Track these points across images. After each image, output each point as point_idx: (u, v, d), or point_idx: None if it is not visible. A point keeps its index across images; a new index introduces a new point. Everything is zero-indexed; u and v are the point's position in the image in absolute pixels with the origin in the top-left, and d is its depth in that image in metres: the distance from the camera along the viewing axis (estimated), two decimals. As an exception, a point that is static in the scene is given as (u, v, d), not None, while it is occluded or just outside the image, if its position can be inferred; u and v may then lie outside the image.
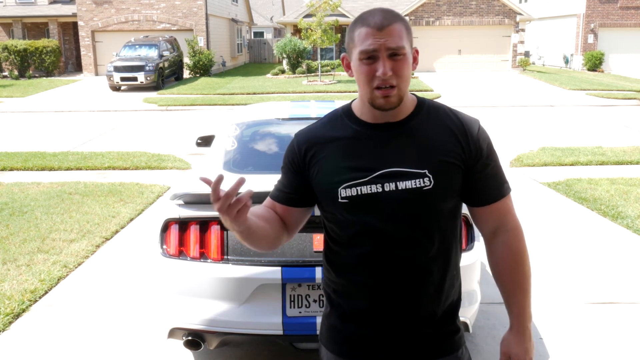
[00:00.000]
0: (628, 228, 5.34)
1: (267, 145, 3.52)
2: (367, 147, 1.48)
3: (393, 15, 1.43)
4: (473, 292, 2.84)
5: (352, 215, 1.47)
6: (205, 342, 2.72)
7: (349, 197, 1.46)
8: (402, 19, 1.45)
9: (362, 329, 1.54)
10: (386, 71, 1.39)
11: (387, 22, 1.40)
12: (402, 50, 1.41)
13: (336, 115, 1.57)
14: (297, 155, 1.56)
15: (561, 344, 3.33)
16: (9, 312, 3.69)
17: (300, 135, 1.59)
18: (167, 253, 2.71)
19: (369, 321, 1.53)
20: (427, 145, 1.46)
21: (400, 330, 1.52)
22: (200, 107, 15.43)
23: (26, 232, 5.20)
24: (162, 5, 25.69)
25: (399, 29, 1.41)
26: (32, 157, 8.50)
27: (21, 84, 21.75)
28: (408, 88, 1.47)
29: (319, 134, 1.55)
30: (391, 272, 1.48)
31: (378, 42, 1.39)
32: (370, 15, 1.43)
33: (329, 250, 1.59)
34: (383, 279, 1.49)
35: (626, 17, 27.84)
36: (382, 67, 1.40)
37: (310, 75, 23.23)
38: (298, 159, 1.55)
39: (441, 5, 27.02)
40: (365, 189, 1.45)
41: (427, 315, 1.52)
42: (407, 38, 1.43)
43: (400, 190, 1.44)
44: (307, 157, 1.53)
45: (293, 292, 2.64)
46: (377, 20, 1.41)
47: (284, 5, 45.53)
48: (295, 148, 1.57)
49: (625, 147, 9.14)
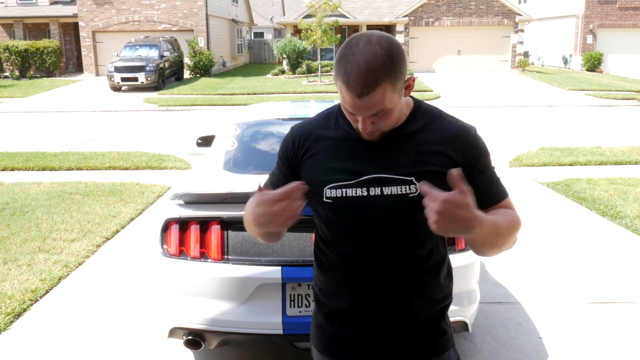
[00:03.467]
0: (627, 228, 5.35)
1: (267, 145, 3.54)
2: (357, 150, 1.47)
3: (377, 75, 1.28)
4: (472, 292, 2.85)
5: (336, 216, 1.48)
6: (205, 342, 2.73)
7: (334, 197, 1.46)
8: (387, 74, 1.29)
9: (345, 329, 1.55)
10: (366, 128, 1.38)
11: (367, 90, 1.29)
12: (383, 111, 1.35)
13: (332, 114, 1.55)
14: (290, 149, 1.55)
15: (560, 343, 3.34)
16: (9, 311, 3.71)
17: (295, 130, 1.58)
18: (168, 253, 2.73)
19: (351, 321, 1.54)
20: (417, 153, 1.44)
21: (383, 331, 1.52)
22: (201, 108, 15.44)
23: (27, 231, 5.21)
24: (163, 5, 25.70)
25: (382, 92, 1.30)
26: (33, 157, 8.51)
27: (22, 84, 21.76)
28: (397, 118, 1.43)
29: (313, 130, 1.54)
30: (373, 274, 1.48)
31: (357, 110, 1.35)
32: (351, 71, 1.29)
33: (317, 248, 1.60)
34: (365, 280, 1.49)
35: (625, 17, 27.85)
36: (361, 126, 1.38)
37: (310, 76, 23.24)
38: (291, 153, 1.55)
39: (441, 6, 27.03)
40: (350, 191, 1.44)
41: (409, 317, 1.51)
42: (392, 93, 1.33)
43: (385, 195, 1.43)
44: (299, 151, 1.53)
45: (293, 292, 2.65)
46: (357, 85, 1.29)
47: (284, 5, 45.54)
48: (290, 142, 1.56)
49: (624, 147, 9.16)
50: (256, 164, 3.33)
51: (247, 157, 3.38)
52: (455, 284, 2.74)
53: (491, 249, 1.41)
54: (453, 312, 2.62)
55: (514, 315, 3.67)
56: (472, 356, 3.21)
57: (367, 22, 27.89)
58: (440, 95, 17.23)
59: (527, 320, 3.61)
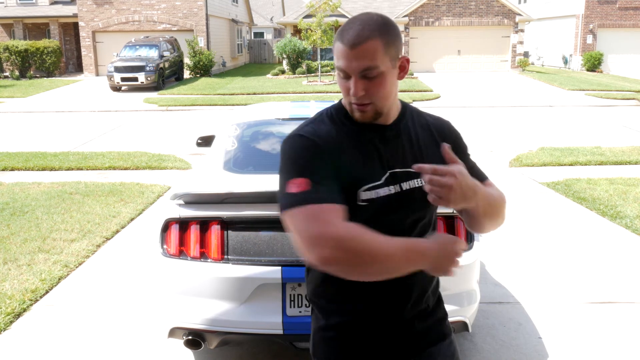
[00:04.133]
0: (627, 228, 5.35)
1: (267, 145, 3.54)
2: (371, 148, 1.47)
3: (370, 30, 1.35)
4: (472, 292, 2.85)
5: (370, 217, 1.43)
6: (205, 342, 2.73)
7: (369, 199, 1.43)
8: (380, 33, 1.35)
9: (376, 328, 1.53)
10: (357, 92, 1.39)
11: (360, 40, 1.34)
12: (374, 70, 1.36)
13: (328, 115, 1.51)
14: (319, 148, 1.41)
15: (560, 343, 3.34)
16: (9, 311, 3.71)
17: (306, 133, 1.45)
18: (168, 253, 2.73)
19: (382, 318, 1.52)
20: (418, 146, 1.52)
21: (412, 322, 1.55)
22: (201, 108, 15.44)
23: (27, 231, 5.21)
24: (163, 5, 25.70)
25: (373, 46, 1.34)
26: (33, 157, 8.51)
27: (22, 84, 21.76)
28: (390, 101, 1.45)
29: (322, 133, 1.45)
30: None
31: (348, 63, 1.36)
32: (347, 29, 1.37)
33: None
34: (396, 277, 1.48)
35: (625, 17, 27.85)
36: (353, 87, 1.39)
37: (310, 76, 23.24)
38: (321, 151, 1.41)
39: (441, 6, 27.03)
40: (382, 191, 1.45)
41: (428, 304, 1.58)
42: (384, 54, 1.36)
43: (406, 190, 1.47)
44: (326, 152, 1.42)
45: (293, 292, 2.65)
46: (350, 37, 1.35)
47: (284, 5, 45.55)
48: (312, 142, 1.42)
49: (624, 147, 9.16)
50: (256, 164, 3.33)
51: (247, 157, 3.38)
52: (455, 284, 2.77)
53: (489, 221, 1.51)
54: (453, 312, 2.62)
55: (514, 315, 3.67)
56: (472, 356, 3.21)
57: (367, 22, 27.85)
58: (440, 95, 17.23)
59: (527, 320, 3.61)
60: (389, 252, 1.29)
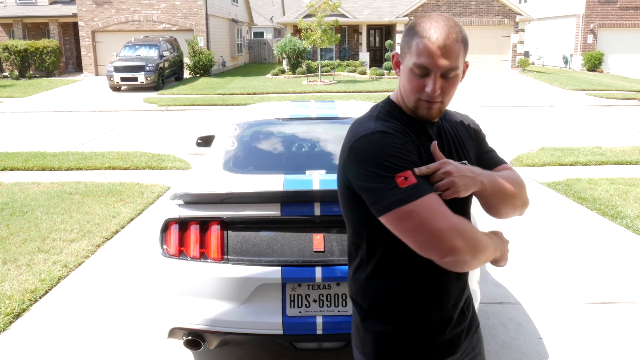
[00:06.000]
0: (627, 228, 5.35)
1: (267, 145, 3.53)
2: (426, 142, 1.49)
3: (456, 32, 1.41)
4: (473, 292, 2.85)
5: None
6: (205, 342, 2.72)
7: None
8: (463, 36, 1.42)
9: (437, 327, 1.52)
10: (435, 90, 1.42)
11: (449, 41, 1.39)
12: (455, 70, 1.42)
13: (385, 112, 1.50)
14: (403, 141, 1.41)
15: (561, 343, 3.34)
16: (9, 311, 3.70)
17: (385, 128, 1.42)
18: (167, 253, 2.72)
19: (442, 316, 1.53)
20: (459, 140, 1.60)
21: (464, 314, 1.61)
22: (201, 107, 15.44)
23: (26, 232, 5.21)
24: (162, 5, 25.70)
25: (458, 48, 1.41)
26: (33, 157, 8.51)
27: (21, 84, 21.76)
28: (454, 94, 1.50)
29: (396, 128, 1.44)
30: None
31: (434, 61, 1.39)
32: (434, 28, 1.40)
33: (392, 261, 1.48)
34: (448, 273, 1.49)
35: (625, 17, 27.85)
36: (432, 85, 1.41)
37: (310, 76, 23.23)
38: (406, 144, 1.41)
39: (441, 6, 27.02)
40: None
41: (463, 305, 1.62)
42: (463, 56, 1.44)
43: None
44: (408, 144, 1.42)
45: (293, 292, 2.64)
46: (440, 38, 1.39)
47: (284, 5, 45.55)
48: (397, 136, 1.41)
49: (624, 147, 9.15)
50: (256, 164, 3.33)
51: (247, 157, 3.38)
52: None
53: (502, 202, 1.52)
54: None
55: (514, 316, 3.66)
56: (472, 356, 3.20)
57: (367, 22, 27.89)
58: (440, 95, 17.21)
59: (528, 321, 3.60)
60: (487, 240, 1.40)
